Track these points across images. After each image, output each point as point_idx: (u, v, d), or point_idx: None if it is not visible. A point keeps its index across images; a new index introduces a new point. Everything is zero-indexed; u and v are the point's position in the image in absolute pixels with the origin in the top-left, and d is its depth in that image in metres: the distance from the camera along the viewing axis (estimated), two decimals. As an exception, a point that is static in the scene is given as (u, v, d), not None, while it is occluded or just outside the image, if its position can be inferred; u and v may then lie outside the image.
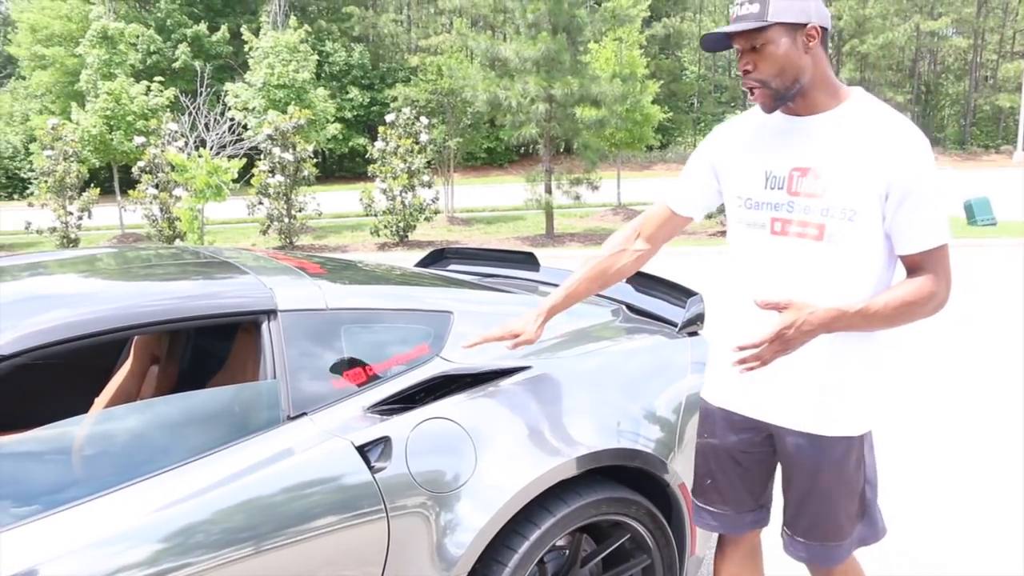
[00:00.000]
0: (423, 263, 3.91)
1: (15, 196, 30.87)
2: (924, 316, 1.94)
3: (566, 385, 2.39)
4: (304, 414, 2.02)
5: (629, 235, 2.33)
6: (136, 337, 2.88)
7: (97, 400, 2.94)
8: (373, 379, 2.16)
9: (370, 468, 1.98)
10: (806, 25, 1.89)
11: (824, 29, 1.93)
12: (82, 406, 2.85)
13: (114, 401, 2.88)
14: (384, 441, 2.02)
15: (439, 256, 3.94)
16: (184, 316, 2.01)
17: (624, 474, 2.43)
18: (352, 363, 2.15)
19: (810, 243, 1.96)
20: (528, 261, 3.65)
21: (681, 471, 2.47)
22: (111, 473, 1.85)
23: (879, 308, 1.90)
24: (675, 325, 2.87)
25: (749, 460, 2.20)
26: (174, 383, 2.79)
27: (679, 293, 3.06)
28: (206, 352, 2.80)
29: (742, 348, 1.89)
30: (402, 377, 2.18)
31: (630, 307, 3.07)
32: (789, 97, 1.93)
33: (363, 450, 1.99)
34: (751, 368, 1.91)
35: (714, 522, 2.28)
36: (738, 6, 1.91)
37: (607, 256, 2.31)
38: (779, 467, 2.20)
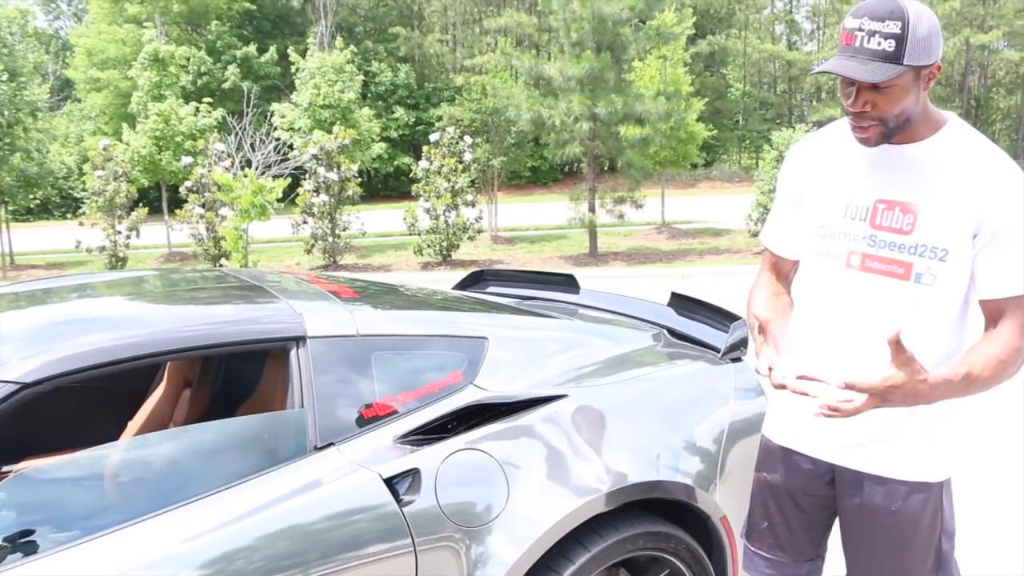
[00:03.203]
0: (462, 285, 3.86)
1: (68, 216, 31.55)
2: (1013, 375, 1.76)
3: (603, 414, 2.31)
4: (332, 444, 1.97)
5: (772, 277, 2.15)
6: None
7: (130, 424, 2.93)
8: (404, 408, 2.10)
9: (398, 501, 1.92)
10: (932, 64, 1.72)
11: None
12: (116, 429, 2.85)
13: (147, 425, 2.86)
14: (413, 473, 1.97)
15: (478, 278, 3.89)
16: (211, 343, 1.98)
17: (663, 507, 2.34)
18: (382, 391, 2.10)
19: (895, 282, 1.82)
20: (568, 284, 3.58)
21: (722, 503, 2.37)
22: (135, 502, 1.82)
23: (979, 373, 1.70)
24: (718, 350, 2.78)
25: (811, 504, 2.04)
26: (205, 408, 2.77)
27: (722, 317, 2.96)
28: (239, 377, 2.77)
29: (848, 386, 1.61)
30: (434, 406, 2.13)
31: (671, 331, 2.99)
32: (896, 133, 1.78)
33: (391, 482, 1.94)
34: (829, 416, 1.65)
35: (768, 570, 2.11)
36: (865, 35, 1.68)
37: (776, 296, 2.09)
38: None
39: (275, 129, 18.83)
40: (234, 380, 2.79)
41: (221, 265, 14.82)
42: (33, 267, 17.69)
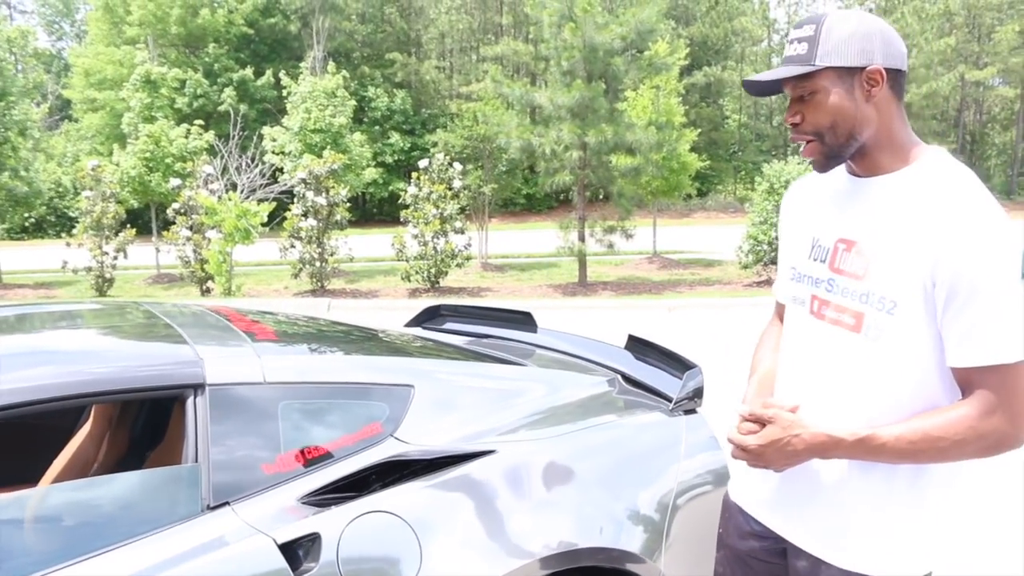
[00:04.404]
0: (417, 320, 3.70)
1: (63, 235, 31.51)
2: (972, 456, 1.53)
3: (536, 472, 2.13)
4: (226, 504, 1.80)
5: (779, 324, 1.99)
6: None
7: (55, 463, 2.77)
8: (313, 463, 1.93)
9: (295, 570, 1.74)
10: (865, 68, 1.55)
11: (894, 72, 1.57)
12: (40, 468, 2.69)
13: (71, 465, 2.70)
14: (313, 539, 1.79)
15: (434, 313, 3.73)
16: (99, 391, 1.81)
17: (602, 575, 2.16)
18: (289, 445, 1.93)
19: (846, 334, 1.61)
20: (526, 322, 3.42)
21: (668, 570, 2.20)
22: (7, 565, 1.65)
23: (888, 440, 1.52)
24: (670, 400, 2.61)
25: (763, 569, 1.85)
26: (122, 452, 2.59)
27: (677, 364, 2.79)
28: (156, 421, 2.59)
29: (729, 439, 1.68)
30: (346, 461, 1.95)
31: (626, 377, 2.82)
32: (845, 156, 1.62)
33: (289, 548, 1.76)
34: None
35: None
36: (789, 43, 1.61)
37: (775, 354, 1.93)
38: None
39: (265, 153, 18.73)
40: (151, 424, 2.62)
41: (207, 289, 14.66)
42: (21, 286, 17.51)
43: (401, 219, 15.90)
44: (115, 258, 15.99)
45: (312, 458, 1.92)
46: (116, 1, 36.12)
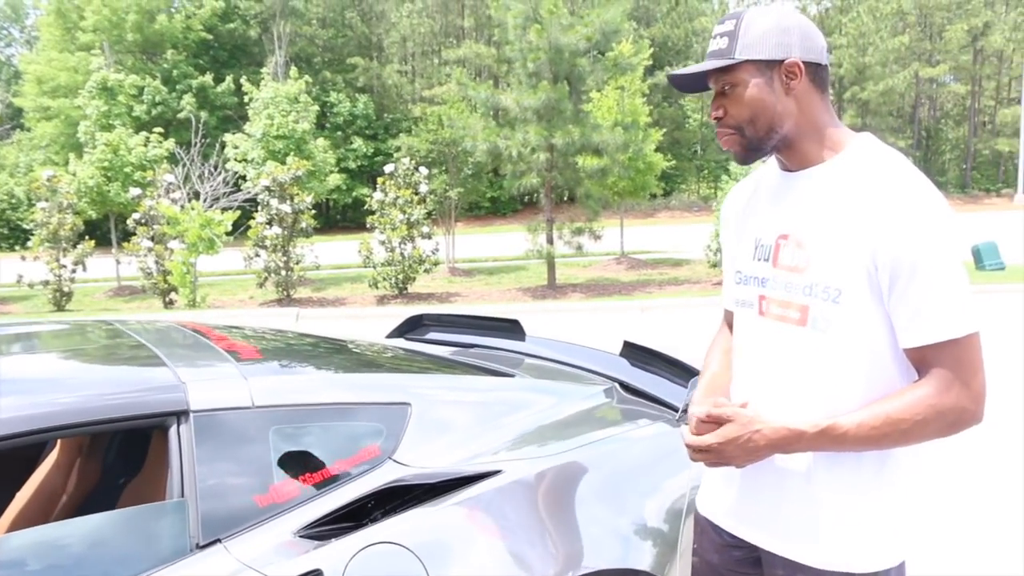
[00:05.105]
0: (399, 331, 3.56)
1: (17, 247, 30.84)
2: (935, 435, 1.51)
3: (545, 491, 2.01)
4: (217, 541, 1.65)
5: (727, 332, 1.94)
6: None
7: (18, 496, 2.59)
8: (308, 492, 1.79)
9: (295, 611, 1.60)
10: (783, 62, 1.56)
11: (813, 65, 1.59)
12: (2, 502, 2.51)
13: (37, 497, 2.52)
14: (315, 575, 1.65)
15: (417, 323, 3.59)
16: (70, 423, 1.64)
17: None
18: (281, 474, 1.79)
19: (792, 328, 1.60)
20: (513, 330, 3.29)
21: (680, 584, 2.09)
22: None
23: (850, 428, 1.49)
24: (675, 408, 2.50)
25: None
26: (93, 483, 2.42)
27: (679, 370, 2.69)
28: (129, 449, 2.43)
29: (686, 443, 1.62)
30: (343, 489, 1.81)
31: (624, 385, 2.70)
32: (767, 149, 1.62)
33: (287, 588, 1.62)
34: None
35: None
36: (712, 39, 1.63)
37: (728, 353, 1.89)
38: None
39: (227, 161, 18.40)
40: (125, 452, 2.45)
41: (171, 301, 14.35)
42: (-27, 303, 17.04)
43: (367, 225, 15.70)
44: (73, 271, 15.60)
45: (308, 486, 1.78)
46: (69, 6, 35.49)
